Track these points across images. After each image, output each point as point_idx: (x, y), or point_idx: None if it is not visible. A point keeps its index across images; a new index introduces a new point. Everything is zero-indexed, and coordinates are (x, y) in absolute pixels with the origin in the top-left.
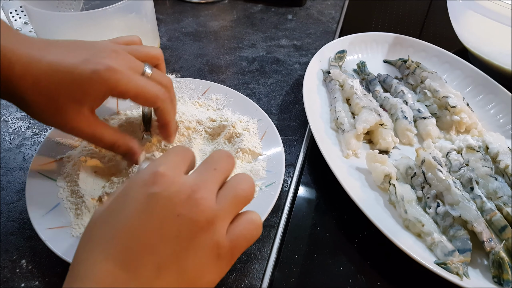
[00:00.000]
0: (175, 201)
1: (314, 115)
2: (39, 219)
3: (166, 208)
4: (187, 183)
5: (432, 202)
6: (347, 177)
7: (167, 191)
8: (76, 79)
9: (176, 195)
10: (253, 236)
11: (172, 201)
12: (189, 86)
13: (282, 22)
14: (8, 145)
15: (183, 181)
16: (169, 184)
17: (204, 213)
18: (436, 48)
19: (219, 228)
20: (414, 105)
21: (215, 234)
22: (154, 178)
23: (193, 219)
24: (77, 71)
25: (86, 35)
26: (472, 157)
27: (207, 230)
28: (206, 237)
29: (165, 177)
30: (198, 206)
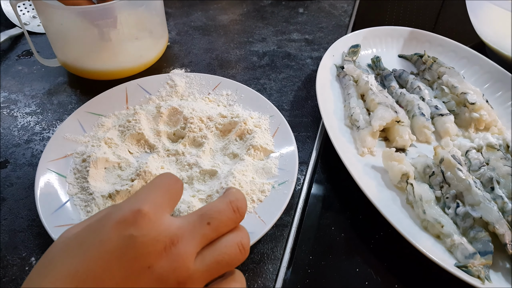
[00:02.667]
0: (150, 249)
1: (328, 112)
2: (48, 216)
3: (139, 256)
4: (169, 230)
5: (451, 203)
6: (362, 175)
7: (145, 236)
8: None
9: (153, 244)
10: None
11: (147, 249)
12: (199, 81)
13: (293, 16)
14: (16, 140)
15: (165, 226)
16: (149, 228)
17: (176, 272)
18: (453, 42)
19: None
20: (431, 102)
21: None
22: (135, 217)
23: (163, 276)
24: None
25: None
26: (493, 156)
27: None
28: None
29: (146, 219)
30: (172, 261)
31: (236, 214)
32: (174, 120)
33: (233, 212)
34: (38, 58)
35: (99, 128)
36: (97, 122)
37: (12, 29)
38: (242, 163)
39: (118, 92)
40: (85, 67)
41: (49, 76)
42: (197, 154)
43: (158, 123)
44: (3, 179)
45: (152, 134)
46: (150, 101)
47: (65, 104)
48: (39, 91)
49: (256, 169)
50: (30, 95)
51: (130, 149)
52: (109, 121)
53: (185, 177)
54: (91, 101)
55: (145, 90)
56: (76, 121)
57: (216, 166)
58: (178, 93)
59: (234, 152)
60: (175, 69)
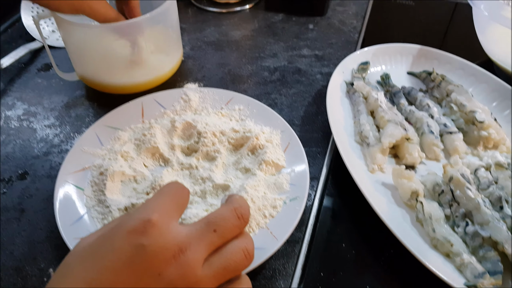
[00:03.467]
0: (160, 257)
1: (338, 128)
2: (67, 228)
3: (149, 264)
4: (178, 238)
5: (460, 221)
6: (373, 192)
7: (154, 245)
8: None
9: (162, 251)
10: None
11: (157, 257)
12: (212, 96)
13: (303, 32)
14: (36, 152)
15: (173, 235)
16: (158, 237)
17: (185, 279)
18: (461, 60)
19: None
20: (440, 119)
21: None
22: (145, 227)
23: (173, 282)
24: None
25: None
26: (501, 174)
27: None
28: None
29: (156, 228)
30: (181, 268)
31: (241, 221)
32: (188, 134)
33: (237, 218)
34: (58, 72)
35: (116, 141)
36: (114, 136)
37: (32, 42)
38: (254, 178)
39: (134, 106)
40: (102, 82)
41: (67, 89)
42: (210, 168)
43: (172, 137)
44: (22, 191)
45: (167, 148)
46: (165, 115)
47: (82, 117)
48: (58, 104)
49: (268, 184)
50: (49, 107)
51: (145, 162)
52: (125, 135)
53: (199, 191)
54: (109, 115)
55: (160, 105)
56: (94, 134)
57: (229, 180)
58: (192, 108)
59: (246, 166)
60: (189, 83)
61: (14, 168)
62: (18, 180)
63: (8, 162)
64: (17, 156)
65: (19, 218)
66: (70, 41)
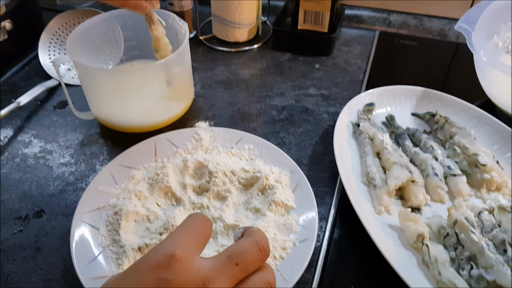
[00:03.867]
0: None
1: (345, 169)
2: (83, 268)
3: None
4: (201, 272)
5: (465, 264)
6: (380, 234)
7: (178, 280)
8: None
9: (186, 286)
10: None
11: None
12: (223, 135)
13: (310, 71)
14: (52, 190)
15: (197, 269)
16: (182, 271)
17: None
18: (464, 103)
19: None
20: (444, 162)
21: None
22: (169, 262)
23: None
24: None
25: (128, 86)
26: (504, 218)
27: None
28: None
29: (180, 263)
30: None
31: (262, 253)
32: (200, 174)
33: (259, 251)
34: (75, 111)
35: (130, 180)
36: (128, 175)
37: (49, 80)
38: (264, 218)
39: (148, 145)
40: (117, 122)
41: (82, 127)
42: (221, 208)
43: (184, 176)
44: (39, 229)
45: (179, 187)
46: (177, 154)
47: (97, 155)
48: (73, 141)
49: (277, 225)
50: (64, 145)
51: (158, 201)
52: (139, 174)
53: None
54: (123, 154)
55: (173, 144)
56: (108, 174)
57: (239, 221)
58: (203, 147)
59: (256, 206)
60: (200, 121)
61: (30, 206)
62: (35, 218)
63: (24, 199)
64: (33, 193)
65: (35, 257)
66: (86, 82)
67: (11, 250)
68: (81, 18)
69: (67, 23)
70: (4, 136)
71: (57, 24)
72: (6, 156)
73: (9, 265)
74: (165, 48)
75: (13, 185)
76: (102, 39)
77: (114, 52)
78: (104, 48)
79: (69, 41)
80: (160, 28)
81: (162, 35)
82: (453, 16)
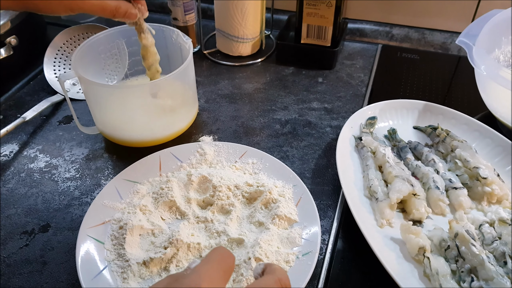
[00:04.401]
0: None
1: (348, 182)
2: (88, 282)
3: None
4: None
5: (466, 277)
6: (382, 247)
7: None
8: None
9: None
10: None
11: None
12: (226, 150)
13: (313, 85)
14: (57, 204)
15: None
16: None
17: None
18: (465, 116)
19: None
20: (446, 175)
21: None
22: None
23: None
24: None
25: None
26: (505, 230)
27: None
28: None
29: None
30: None
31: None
32: (204, 188)
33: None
34: (80, 127)
35: (135, 195)
36: (132, 189)
37: (54, 96)
38: (268, 232)
39: (152, 160)
40: (122, 136)
41: (87, 142)
42: (225, 221)
43: (189, 190)
44: (44, 243)
45: (183, 201)
46: (182, 168)
47: (102, 170)
48: (78, 156)
49: (281, 238)
50: (70, 160)
51: (162, 215)
52: (143, 188)
53: (214, 245)
54: (128, 169)
55: (177, 158)
56: (113, 188)
57: (243, 234)
58: (207, 161)
59: (260, 220)
60: (204, 135)
61: (36, 220)
62: (40, 233)
63: (30, 214)
64: (39, 208)
65: (41, 271)
66: (91, 97)
67: (17, 265)
68: (86, 33)
69: (72, 38)
70: (10, 151)
71: (62, 39)
72: (12, 171)
73: (15, 280)
74: (152, 56)
75: (19, 200)
76: (107, 54)
77: (119, 67)
78: (109, 63)
79: (74, 57)
80: (150, 37)
81: (151, 44)
82: (455, 30)
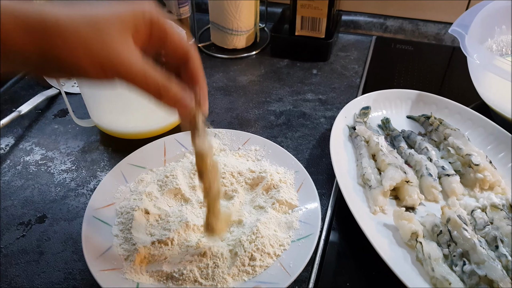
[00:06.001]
0: None
1: (341, 171)
2: (93, 262)
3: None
4: None
5: (458, 261)
6: (375, 234)
7: None
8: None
9: None
10: None
11: None
12: (230, 137)
13: (308, 77)
14: (53, 196)
15: None
16: None
17: None
18: (458, 105)
19: None
20: (438, 162)
21: None
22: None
23: None
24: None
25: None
26: (496, 215)
27: None
28: None
29: None
30: None
31: None
32: None
33: None
34: (75, 119)
35: (139, 183)
36: (137, 178)
37: (49, 89)
38: (266, 215)
39: (157, 146)
40: (118, 129)
41: (83, 135)
42: (227, 206)
43: (193, 178)
44: (41, 234)
45: (188, 189)
46: (185, 155)
47: (98, 162)
48: (74, 148)
49: (278, 222)
50: (65, 152)
51: (168, 202)
52: (148, 177)
53: None
54: (133, 154)
55: (181, 144)
56: (119, 172)
57: (242, 216)
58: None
59: (261, 205)
60: None
61: (33, 211)
62: (37, 224)
63: (27, 206)
64: (35, 200)
65: (38, 261)
66: (86, 90)
67: (14, 255)
68: None
69: None
70: (5, 145)
71: None
72: (8, 163)
73: (12, 269)
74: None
75: (15, 192)
76: None
77: None
78: None
79: None
80: (207, 141)
81: (208, 151)
82: (448, 20)
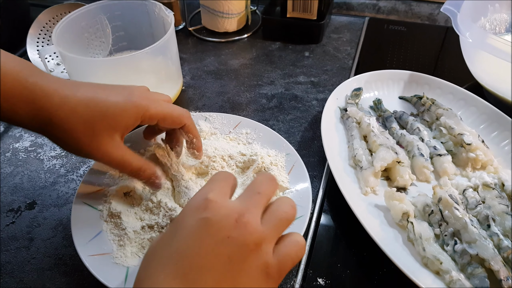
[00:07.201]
0: (224, 224)
1: (333, 153)
2: (83, 246)
3: (217, 231)
4: (234, 208)
5: (449, 240)
6: (366, 214)
7: (217, 216)
8: (111, 106)
9: (225, 219)
10: (298, 256)
11: (222, 224)
12: (220, 120)
13: (300, 59)
14: (43, 182)
15: (230, 206)
16: (218, 209)
17: (252, 236)
18: (451, 85)
19: (266, 249)
20: (430, 142)
21: (263, 255)
22: (205, 204)
23: (242, 241)
24: (111, 99)
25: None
26: (488, 194)
27: (256, 251)
28: (256, 258)
29: (214, 203)
30: (246, 229)
31: (273, 180)
32: None
33: (270, 179)
34: None
35: None
36: None
37: None
38: None
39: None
40: None
41: None
42: None
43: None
44: (31, 220)
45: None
46: None
47: None
48: None
49: None
50: None
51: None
52: None
53: None
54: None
55: None
56: None
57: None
58: (203, 132)
59: None
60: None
61: (22, 198)
62: (27, 210)
63: (16, 192)
64: (25, 186)
65: (28, 247)
66: (75, 74)
67: (4, 241)
68: (69, 12)
69: (54, 17)
70: None
71: (45, 18)
72: None
73: (2, 256)
74: None
75: (4, 178)
76: (90, 31)
77: (102, 43)
78: (93, 39)
79: (55, 33)
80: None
81: None
82: (441, 0)
